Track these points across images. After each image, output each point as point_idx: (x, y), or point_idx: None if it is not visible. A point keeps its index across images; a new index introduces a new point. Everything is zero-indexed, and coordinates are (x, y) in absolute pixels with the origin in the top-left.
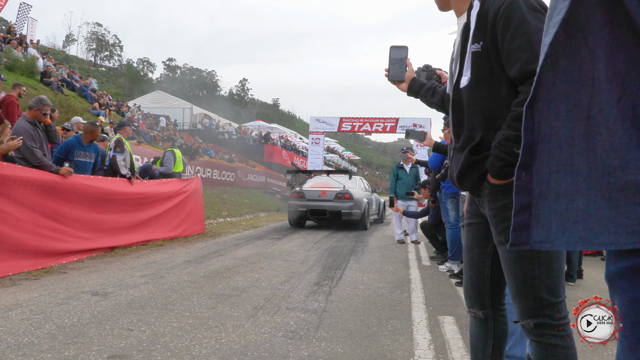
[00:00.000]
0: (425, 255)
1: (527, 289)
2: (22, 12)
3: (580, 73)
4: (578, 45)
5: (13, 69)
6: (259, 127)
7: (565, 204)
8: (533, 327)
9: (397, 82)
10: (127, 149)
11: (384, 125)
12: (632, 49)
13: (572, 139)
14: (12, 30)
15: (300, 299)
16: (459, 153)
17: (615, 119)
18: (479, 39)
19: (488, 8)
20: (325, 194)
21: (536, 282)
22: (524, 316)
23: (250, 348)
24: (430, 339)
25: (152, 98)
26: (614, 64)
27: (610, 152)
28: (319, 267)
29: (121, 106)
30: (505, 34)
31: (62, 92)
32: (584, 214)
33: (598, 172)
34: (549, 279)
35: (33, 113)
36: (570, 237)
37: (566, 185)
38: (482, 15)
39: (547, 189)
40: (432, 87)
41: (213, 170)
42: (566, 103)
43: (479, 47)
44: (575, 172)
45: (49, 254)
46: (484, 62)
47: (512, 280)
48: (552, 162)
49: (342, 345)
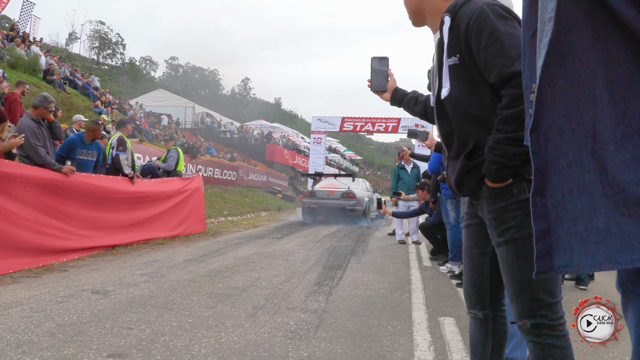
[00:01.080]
0: (425, 256)
1: (525, 289)
2: (25, 9)
3: (580, 92)
4: (573, 65)
5: (16, 67)
6: (261, 126)
7: (584, 225)
8: (530, 328)
9: (380, 92)
10: (128, 147)
11: (386, 125)
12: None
13: (581, 158)
14: (15, 28)
15: (301, 299)
16: (454, 161)
17: (624, 135)
18: (455, 52)
19: (459, 22)
20: (332, 194)
21: (533, 283)
22: (521, 317)
23: (249, 348)
24: (431, 340)
25: (154, 96)
26: (613, 79)
27: (622, 168)
28: (319, 267)
29: (123, 104)
30: (479, 44)
31: (64, 90)
32: (604, 232)
33: (612, 189)
34: (546, 280)
35: (39, 111)
36: (594, 258)
37: (582, 205)
38: (453, 29)
39: (563, 211)
40: (414, 96)
41: (214, 169)
42: (569, 122)
43: (457, 60)
44: (590, 191)
45: (50, 251)
46: (464, 73)
47: (510, 280)
48: (564, 184)
49: (342, 346)
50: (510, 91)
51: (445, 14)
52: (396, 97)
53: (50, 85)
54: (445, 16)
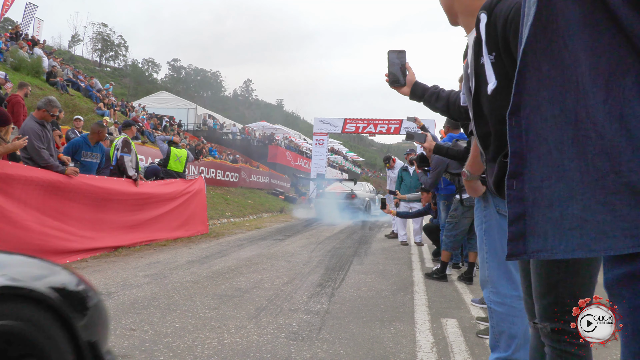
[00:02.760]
0: (428, 257)
1: (550, 291)
2: (28, 12)
3: (564, 77)
4: (559, 49)
5: (19, 69)
6: (263, 127)
7: (560, 211)
8: (550, 332)
9: (398, 87)
10: (133, 149)
11: (388, 126)
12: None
13: (562, 144)
14: (18, 31)
15: (303, 300)
16: (492, 163)
17: (604, 122)
18: (492, 50)
19: (496, 19)
20: (339, 194)
21: (560, 286)
22: (542, 318)
23: (252, 349)
24: (433, 341)
25: (157, 98)
26: (597, 66)
27: (602, 156)
28: (321, 268)
29: (126, 106)
30: (519, 40)
31: (67, 92)
32: (579, 219)
33: (591, 176)
34: (574, 284)
35: (41, 114)
36: (568, 244)
37: (559, 191)
38: (490, 26)
39: (540, 196)
40: (435, 91)
41: (217, 170)
42: (552, 108)
43: (493, 59)
44: (568, 177)
45: (53, 253)
46: (500, 72)
47: (537, 280)
48: (544, 169)
49: (345, 347)
50: None
51: (481, 11)
52: (416, 92)
53: (53, 87)
54: (481, 13)
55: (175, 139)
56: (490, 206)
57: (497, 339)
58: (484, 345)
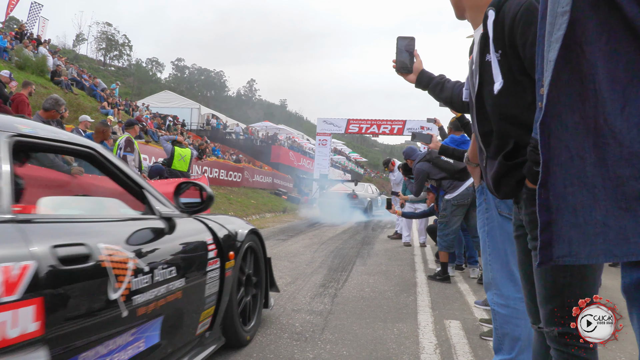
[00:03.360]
0: (431, 258)
1: (556, 295)
2: (33, 11)
3: (582, 86)
4: (577, 58)
5: (24, 68)
6: (266, 127)
7: (583, 217)
8: (557, 336)
9: (405, 73)
10: (136, 148)
11: (392, 127)
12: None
13: (583, 151)
14: (23, 30)
15: (306, 301)
16: (492, 161)
17: (621, 129)
18: (498, 47)
19: (504, 16)
20: (341, 195)
21: (566, 290)
22: (548, 323)
23: (255, 349)
24: (437, 343)
25: (161, 98)
26: (614, 74)
27: (621, 162)
28: (324, 268)
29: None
30: (525, 39)
31: (71, 91)
32: (602, 225)
33: (612, 182)
34: (580, 288)
35: (50, 114)
36: (591, 250)
37: (582, 198)
38: (497, 23)
39: (564, 203)
40: (441, 81)
41: (220, 170)
42: (572, 116)
43: (498, 56)
44: (590, 184)
45: None
46: (505, 70)
47: (542, 285)
48: (566, 176)
49: (348, 348)
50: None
51: (490, 8)
52: (422, 80)
53: (58, 86)
54: (489, 10)
55: (179, 139)
56: (491, 208)
57: (500, 341)
58: (487, 347)
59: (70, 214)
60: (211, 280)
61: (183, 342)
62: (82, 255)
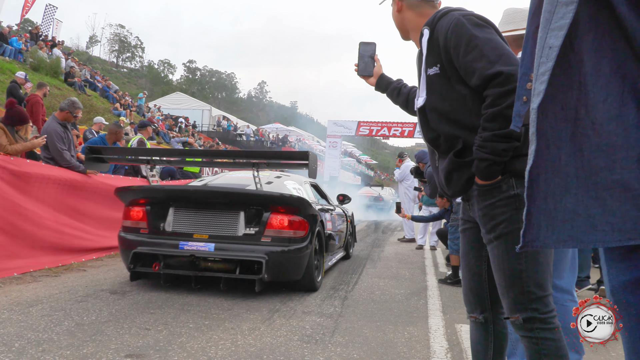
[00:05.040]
0: (442, 262)
1: (515, 283)
2: (47, 13)
3: (567, 77)
4: (565, 50)
5: (38, 69)
6: (277, 129)
7: (553, 204)
8: (522, 323)
9: (366, 76)
10: None
11: (402, 129)
12: (616, 53)
13: (560, 140)
14: (38, 31)
15: (316, 303)
16: (443, 160)
17: (602, 121)
18: (435, 62)
19: (437, 34)
20: (369, 197)
21: (524, 276)
22: (512, 311)
23: (265, 351)
24: (448, 347)
25: (172, 99)
26: (599, 67)
27: (597, 153)
28: (335, 271)
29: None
30: (458, 52)
31: (84, 92)
32: (572, 213)
33: (585, 172)
34: (536, 272)
35: (64, 115)
36: (559, 235)
37: (554, 185)
38: (432, 41)
39: (537, 189)
40: (398, 86)
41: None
42: (554, 105)
43: (437, 70)
44: (564, 172)
45: (69, 251)
46: (444, 82)
47: (501, 276)
48: (541, 163)
49: (358, 351)
50: (492, 91)
51: (425, 27)
52: (381, 84)
53: (71, 87)
54: (424, 29)
55: (190, 140)
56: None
57: (514, 346)
58: None
59: (324, 202)
60: (346, 227)
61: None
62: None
